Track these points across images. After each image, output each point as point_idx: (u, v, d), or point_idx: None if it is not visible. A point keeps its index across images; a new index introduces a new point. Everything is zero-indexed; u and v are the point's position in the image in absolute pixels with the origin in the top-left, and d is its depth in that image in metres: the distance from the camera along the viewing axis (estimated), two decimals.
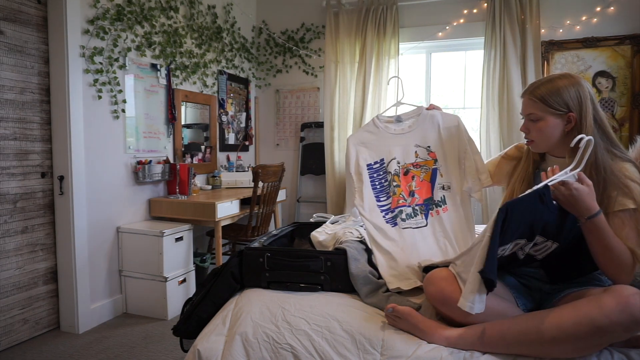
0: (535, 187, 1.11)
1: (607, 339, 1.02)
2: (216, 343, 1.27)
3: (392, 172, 1.67)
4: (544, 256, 1.22)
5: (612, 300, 1.00)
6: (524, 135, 1.37)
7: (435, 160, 1.68)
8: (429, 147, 1.69)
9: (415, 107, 1.74)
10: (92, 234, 2.66)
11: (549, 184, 1.10)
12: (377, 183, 1.67)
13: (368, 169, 1.68)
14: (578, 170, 1.13)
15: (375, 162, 1.69)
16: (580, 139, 1.14)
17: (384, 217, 1.63)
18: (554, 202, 1.12)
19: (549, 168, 1.17)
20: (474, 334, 1.13)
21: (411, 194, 1.66)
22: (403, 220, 1.63)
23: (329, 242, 1.67)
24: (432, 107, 1.72)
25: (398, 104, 1.84)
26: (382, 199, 1.65)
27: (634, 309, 0.98)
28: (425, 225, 1.63)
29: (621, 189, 1.19)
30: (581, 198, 1.10)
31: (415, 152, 1.69)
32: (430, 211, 1.65)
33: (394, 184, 1.66)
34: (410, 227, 1.61)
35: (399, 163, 1.68)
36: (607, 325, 0.99)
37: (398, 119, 1.72)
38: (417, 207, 1.65)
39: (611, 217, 1.19)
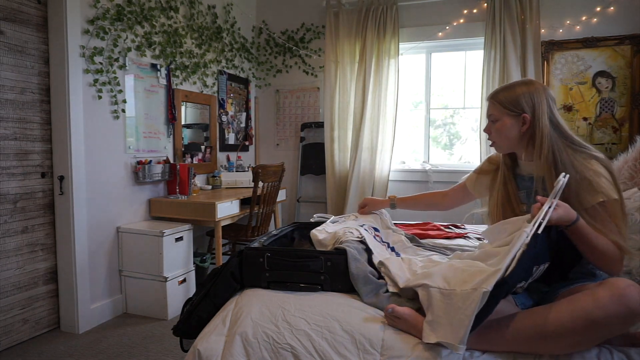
0: (526, 242, 1.06)
1: (604, 332, 1.02)
2: (216, 343, 1.27)
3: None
4: (540, 275, 1.22)
5: (607, 293, 1.00)
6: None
7: None
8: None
9: None
10: (92, 234, 2.66)
11: (542, 228, 1.09)
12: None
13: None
14: (554, 203, 1.14)
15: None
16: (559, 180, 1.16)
17: (386, 249, 1.70)
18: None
19: (533, 208, 1.16)
20: (473, 333, 1.13)
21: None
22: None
23: (329, 241, 1.67)
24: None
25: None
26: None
27: (629, 301, 0.97)
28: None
29: (588, 184, 1.24)
30: (565, 218, 1.15)
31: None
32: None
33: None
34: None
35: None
36: (602, 318, 0.98)
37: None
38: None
39: (589, 213, 1.23)
